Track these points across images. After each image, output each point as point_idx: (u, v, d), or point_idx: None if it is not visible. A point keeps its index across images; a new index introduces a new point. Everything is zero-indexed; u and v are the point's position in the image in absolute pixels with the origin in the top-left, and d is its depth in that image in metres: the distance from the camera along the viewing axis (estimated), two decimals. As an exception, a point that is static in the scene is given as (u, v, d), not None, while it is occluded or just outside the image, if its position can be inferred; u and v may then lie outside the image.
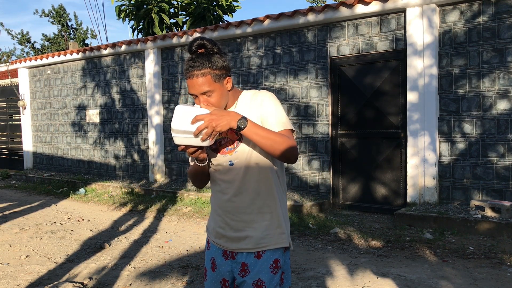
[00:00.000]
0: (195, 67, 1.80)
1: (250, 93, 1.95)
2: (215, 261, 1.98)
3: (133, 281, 4.04)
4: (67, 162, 10.74)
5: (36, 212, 7.24)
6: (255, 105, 1.88)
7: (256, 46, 7.37)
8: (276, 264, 1.88)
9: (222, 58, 1.84)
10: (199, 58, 1.81)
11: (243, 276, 1.88)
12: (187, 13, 12.39)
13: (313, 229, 5.56)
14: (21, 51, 22.83)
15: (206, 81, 1.80)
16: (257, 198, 1.88)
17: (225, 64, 1.85)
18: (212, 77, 1.81)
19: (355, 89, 6.50)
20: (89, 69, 9.96)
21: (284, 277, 1.97)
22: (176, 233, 5.71)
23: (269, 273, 1.86)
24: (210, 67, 1.80)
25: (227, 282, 1.95)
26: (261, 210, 1.88)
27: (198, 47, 1.83)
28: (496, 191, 5.44)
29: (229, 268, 1.94)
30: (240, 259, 1.90)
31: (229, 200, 1.90)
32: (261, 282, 1.85)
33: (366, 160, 6.45)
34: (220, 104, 1.86)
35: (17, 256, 4.86)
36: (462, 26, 5.60)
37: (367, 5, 6.03)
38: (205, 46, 1.83)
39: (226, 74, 1.86)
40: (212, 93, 1.83)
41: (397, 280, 3.82)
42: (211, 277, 1.99)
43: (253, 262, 1.87)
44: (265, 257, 1.87)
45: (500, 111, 5.41)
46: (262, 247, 1.87)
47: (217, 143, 1.92)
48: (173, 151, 8.64)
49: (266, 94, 1.90)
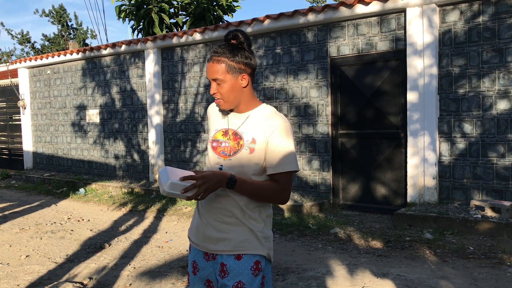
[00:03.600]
0: (216, 52, 1.85)
1: (267, 112, 1.90)
2: (196, 264, 1.94)
3: (133, 281, 4.04)
4: (67, 162, 10.74)
5: (36, 212, 7.24)
6: (266, 127, 1.84)
7: (256, 46, 7.37)
8: (257, 266, 1.84)
9: (246, 54, 1.85)
10: (224, 46, 1.85)
11: (222, 278, 1.84)
12: (187, 13, 12.39)
13: (313, 229, 5.56)
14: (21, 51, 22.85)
15: (219, 69, 1.83)
16: (242, 208, 1.84)
17: (246, 61, 1.85)
18: (227, 67, 1.83)
19: (355, 89, 6.50)
20: (89, 69, 9.96)
21: (265, 281, 1.91)
22: (176, 233, 5.71)
23: (250, 275, 1.82)
24: (228, 57, 1.83)
25: (212, 283, 1.92)
26: (244, 217, 1.85)
27: (232, 37, 1.86)
28: (496, 191, 5.44)
29: (211, 269, 1.90)
30: (220, 259, 1.86)
31: (214, 200, 1.86)
32: (242, 284, 1.81)
33: (366, 160, 6.45)
34: (228, 97, 1.86)
35: (17, 256, 4.86)
36: (462, 26, 5.60)
37: (367, 5, 6.03)
38: (238, 38, 1.85)
39: (243, 70, 1.85)
40: (222, 82, 1.84)
41: (397, 280, 3.82)
42: (193, 281, 1.96)
43: (233, 263, 1.83)
44: (245, 259, 1.83)
45: (500, 111, 5.41)
46: (241, 250, 1.83)
47: (217, 142, 1.91)
48: (173, 151, 8.64)
49: (282, 124, 1.84)
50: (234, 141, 1.87)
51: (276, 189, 1.82)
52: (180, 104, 8.45)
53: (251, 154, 1.83)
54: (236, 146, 1.86)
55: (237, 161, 1.84)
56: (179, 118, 8.50)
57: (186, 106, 8.37)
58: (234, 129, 1.90)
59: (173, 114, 8.57)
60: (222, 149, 1.89)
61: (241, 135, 1.87)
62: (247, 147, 1.84)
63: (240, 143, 1.86)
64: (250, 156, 1.83)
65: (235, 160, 1.85)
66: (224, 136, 1.91)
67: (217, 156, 1.90)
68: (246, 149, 1.84)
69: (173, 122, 8.60)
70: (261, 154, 1.83)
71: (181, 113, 8.46)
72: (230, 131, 1.91)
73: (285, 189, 1.83)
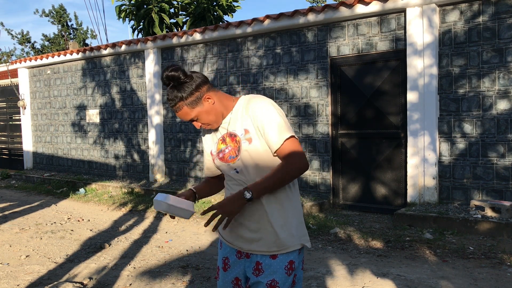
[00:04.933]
0: (171, 103, 1.90)
1: (243, 103, 1.94)
2: (227, 261, 2.00)
3: (133, 281, 4.04)
4: (67, 162, 10.74)
5: (36, 212, 7.24)
6: (247, 116, 1.89)
7: (256, 46, 7.37)
8: (291, 265, 1.89)
9: (191, 82, 1.87)
10: (171, 93, 1.88)
11: (256, 276, 1.88)
12: (187, 13, 12.39)
13: (313, 229, 5.56)
14: (21, 51, 22.83)
15: (186, 111, 1.89)
16: (265, 202, 1.88)
17: (195, 86, 1.87)
18: (188, 106, 1.88)
19: (355, 89, 6.50)
20: (89, 69, 9.96)
21: (296, 279, 1.96)
22: (176, 233, 5.71)
23: (283, 274, 1.87)
24: (182, 98, 1.87)
25: (240, 281, 1.97)
26: (272, 214, 1.88)
27: (168, 81, 1.87)
28: (496, 191, 5.44)
29: (242, 267, 1.96)
30: (255, 258, 1.91)
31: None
32: (275, 283, 1.86)
33: (366, 160, 6.44)
34: (211, 120, 1.92)
35: (17, 256, 4.86)
36: (462, 26, 5.60)
37: (367, 5, 6.03)
38: (173, 78, 1.85)
39: (201, 94, 1.88)
40: (197, 117, 1.91)
41: (397, 280, 3.82)
42: (223, 277, 2.01)
43: (268, 262, 1.88)
44: (280, 258, 1.88)
45: (500, 111, 5.41)
46: (274, 251, 1.87)
47: (221, 152, 1.96)
48: (173, 151, 8.64)
49: (257, 103, 1.88)
50: (233, 142, 1.92)
51: (285, 166, 1.83)
52: (180, 104, 8.44)
53: (251, 144, 1.87)
54: (236, 144, 1.91)
55: (244, 156, 1.89)
56: (179, 118, 8.49)
57: (186, 106, 8.36)
58: (226, 132, 1.96)
59: (173, 114, 8.56)
60: (228, 154, 1.94)
61: (235, 133, 1.92)
62: (244, 139, 1.89)
63: (237, 140, 1.90)
64: (251, 146, 1.87)
65: (242, 156, 1.89)
66: (223, 143, 1.97)
67: (227, 163, 1.95)
68: (244, 142, 1.89)
69: (173, 122, 8.60)
70: (260, 139, 1.87)
71: (181, 113, 8.45)
72: (225, 135, 1.96)
73: (293, 159, 1.83)
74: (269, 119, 1.84)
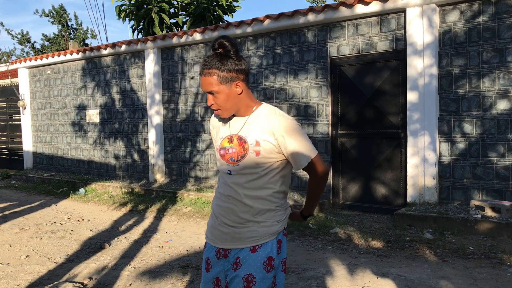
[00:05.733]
0: (206, 65, 1.86)
1: (265, 113, 1.93)
2: (209, 261, 2.00)
3: (133, 281, 4.04)
4: (67, 162, 10.74)
5: (36, 212, 7.24)
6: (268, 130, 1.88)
7: (256, 46, 7.37)
8: (270, 262, 1.89)
9: (236, 62, 1.86)
10: (213, 58, 1.86)
11: (235, 270, 1.89)
12: (187, 13, 12.39)
13: (313, 229, 5.56)
14: (21, 51, 22.84)
15: (212, 81, 1.85)
16: (252, 209, 1.91)
17: (237, 68, 1.86)
18: (219, 79, 1.85)
19: (355, 89, 6.49)
20: (89, 69, 9.96)
21: (277, 281, 1.95)
22: (176, 233, 5.71)
23: (262, 270, 1.87)
24: (219, 68, 1.84)
25: (220, 282, 1.96)
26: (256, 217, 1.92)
27: (218, 46, 1.86)
28: (496, 191, 5.44)
29: (221, 268, 1.95)
30: (234, 254, 1.91)
31: (226, 201, 1.95)
32: (252, 277, 1.85)
33: (366, 160, 6.44)
34: (225, 106, 1.89)
35: (17, 256, 4.86)
36: (462, 26, 5.60)
37: (367, 5, 6.03)
38: (224, 46, 1.85)
39: (236, 78, 1.87)
40: (217, 94, 1.87)
41: (397, 280, 3.82)
42: (205, 277, 2.02)
43: (246, 254, 1.88)
44: (259, 252, 1.88)
45: (500, 111, 5.41)
46: (253, 242, 1.90)
47: (224, 150, 1.96)
48: (173, 151, 8.64)
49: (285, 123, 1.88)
50: (239, 146, 1.91)
51: (314, 180, 2.02)
52: (180, 104, 8.45)
53: (258, 156, 1.88)
54: (242, 150, 1.90)
55: (245, 165, 1.90)
56: (179, 118, 8.50)
57: (186, 106, 8.37)
58: (237, 133, 1.94)
59: (173, 114, 8.57)
60: (230, 155, 1.94)
61: (245, 139, 1.91)
62: (252, 150, 1.88)
63: (245, 147, 1.90)
64: (256, 158, 1.88)
65: (242, 164, 1.90)
66: (229, 142, 1.95)
67: (226, 163, 1.95)
68: (252, 152, 1.88)
69: (173, 122, 8.60)
70: (268, 154, 1.88)
71: (181, 113, 8.46)
72: (234, 136, 1.95)
73: (318, 170, 1.98)
74: (295, 140, 1.88)
